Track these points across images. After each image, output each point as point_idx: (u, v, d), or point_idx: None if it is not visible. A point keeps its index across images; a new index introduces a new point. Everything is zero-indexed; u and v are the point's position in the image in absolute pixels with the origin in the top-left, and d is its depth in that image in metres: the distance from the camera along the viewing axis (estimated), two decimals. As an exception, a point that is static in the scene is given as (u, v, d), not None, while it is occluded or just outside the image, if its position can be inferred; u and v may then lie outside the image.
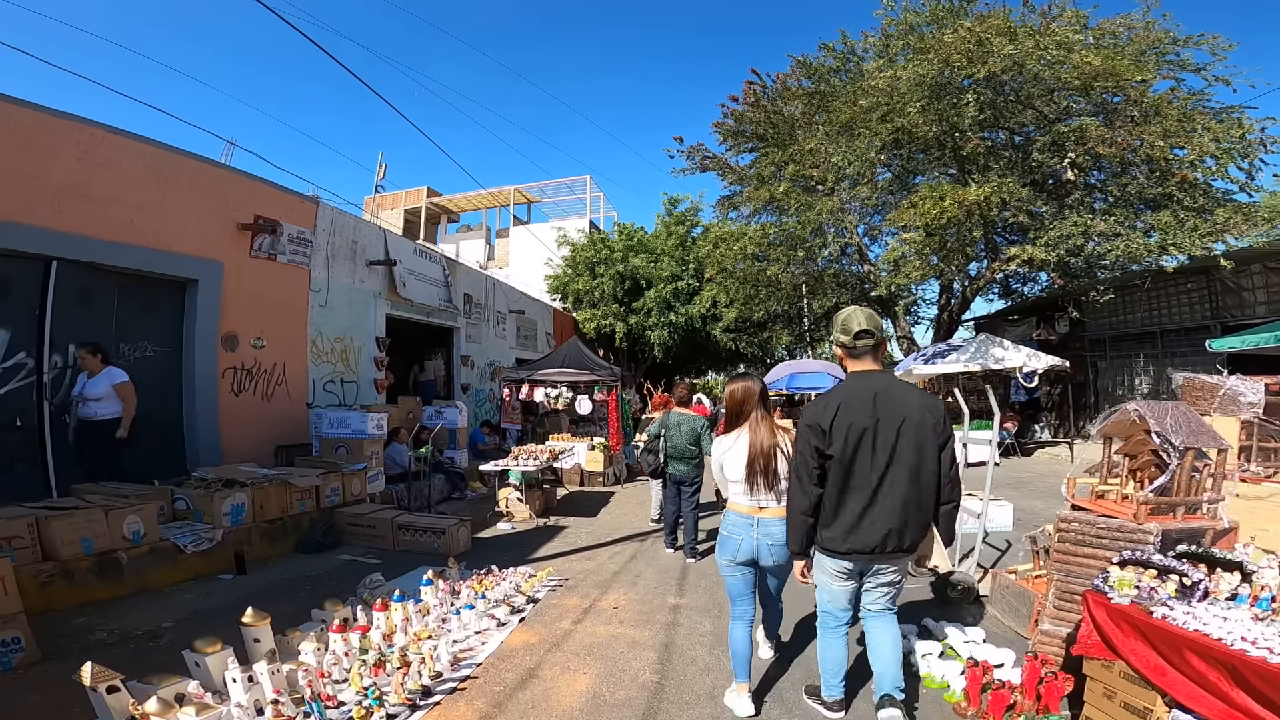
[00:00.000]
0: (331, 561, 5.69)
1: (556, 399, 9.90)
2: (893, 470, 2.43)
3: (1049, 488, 8.97)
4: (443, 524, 5.85)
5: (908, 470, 2.42)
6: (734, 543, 2.86)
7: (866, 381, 2.54)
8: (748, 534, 2.82)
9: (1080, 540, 3.03)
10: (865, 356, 2.59)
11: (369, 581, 4.58)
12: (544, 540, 6.40)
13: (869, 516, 2.45)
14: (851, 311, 2.63)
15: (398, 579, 4.97)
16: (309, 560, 5.70)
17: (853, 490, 2.46)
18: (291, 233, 8.47)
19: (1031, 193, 11.17)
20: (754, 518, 2.83)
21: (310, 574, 5.34)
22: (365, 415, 7.00)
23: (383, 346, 10.10)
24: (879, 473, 2.43)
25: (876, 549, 2.47)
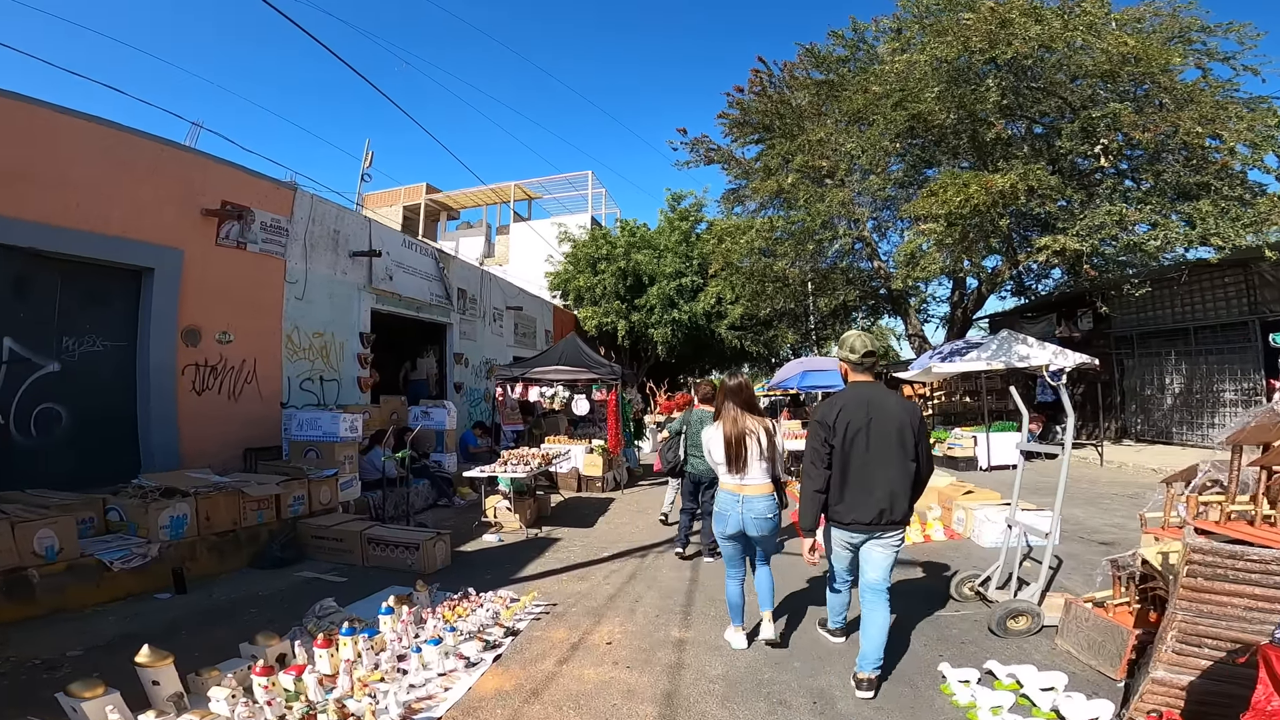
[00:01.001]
0: (289, 579, 5.04)
1: (552, 399, 9.24)
2: (881, 460, 2.99)
3: (1084, 493, 8.26)
4: (416, 538, 5.19)
5: (893, 460, 2.99)
6: (724, 518, 3.46)
7: (863, 390, 3.12)
8: (735, 509, 3.41)
9: (1221, 574, 2.34)
10: (865, 371, 3.18)
11: (318, 608, 3.92)
12: (533, 555, 5.73)
13: (865, 496, 3.01)
14: (858, 334, 3.22)
15: (355, 604, 4.31)
16: (264, 577, 5.05)
17: (851, 476, 3.02)
18: (265, 220, 7.84)
19: (1061, 181, 10.49)
20: (739, 494, 3.41)
21: (261, 593, 4.71)
22: (337, 416, 6.35)
23: (367, 342, 9.45)
24: (871, 462, 2.99)
25: (873, 521, 3.01)
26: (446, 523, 7.17)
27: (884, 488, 2.99)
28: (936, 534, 5.88)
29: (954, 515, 6.06)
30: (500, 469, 6.50)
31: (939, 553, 5.52)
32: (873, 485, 2.99)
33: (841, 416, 3.03)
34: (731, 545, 3.54)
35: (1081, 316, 14.93)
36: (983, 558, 5.33)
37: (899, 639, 3.64)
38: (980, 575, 4.23)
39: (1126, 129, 10.08)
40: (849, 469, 3.02)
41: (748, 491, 3.39)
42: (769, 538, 3.47)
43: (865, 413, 3.01)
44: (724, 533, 3.49)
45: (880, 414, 3.02)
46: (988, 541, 5.57)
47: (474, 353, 13.11)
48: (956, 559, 5.32)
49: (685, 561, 5.43)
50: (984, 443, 10.62)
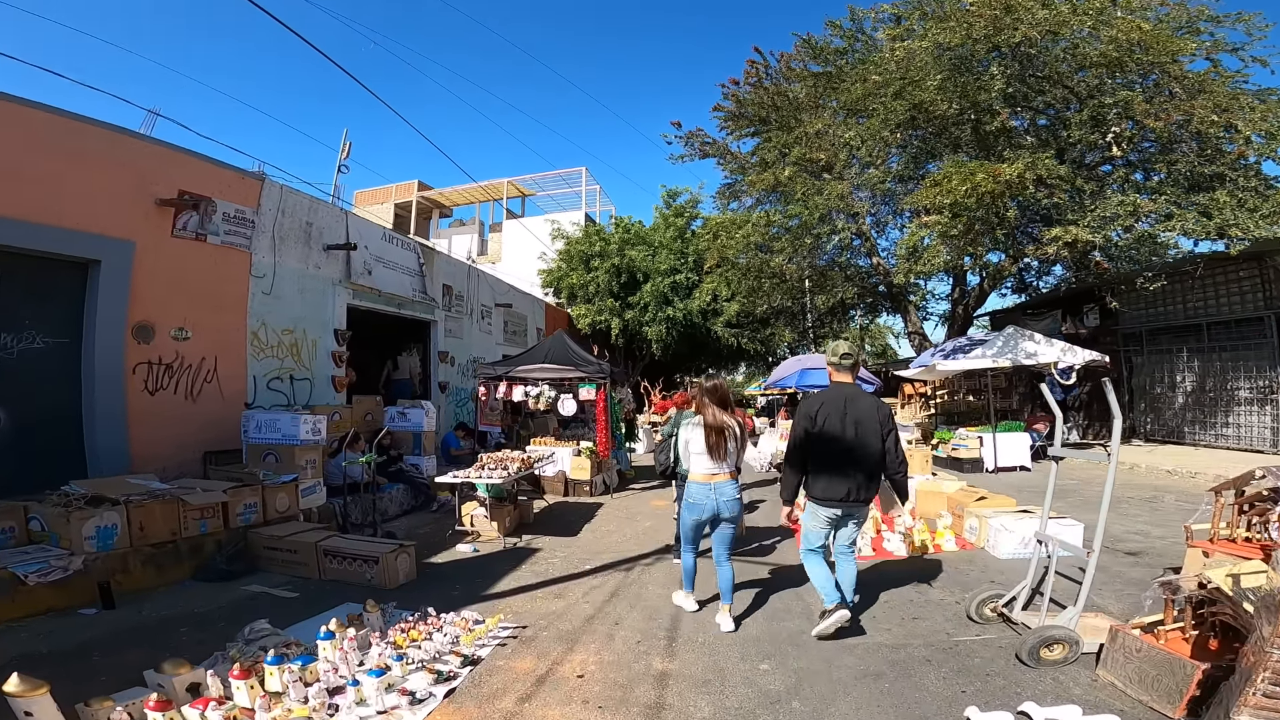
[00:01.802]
0: (234, 594, 4.57)
1: (538, 398, 8.76)
2: (854, 448, 3.43)
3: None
4: (376, 551, 4.71)
5: (862, 449, 3.44)
6: (699, 507, 3.79)
7: (842, 390, 3.61)
8: (709, 498, 3.76)
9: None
10: (845, 372, 3.67)
11: (249, 630, 3.45)
12: (508, 567, 5.25)
13: (837, 478, 3.47)
14: (841, 341, 3.74)
15: (300, 624, 3.84)
16: (206, 592, 4.58)
17: (827, 461, 3.48)
18: (228, 211, 7.37)
19: (1070, 170, 10.05)
20: (711, 484, 3.76)
21: (198, 610, 4.25)
22: (298, 418, 5.87)
23: (342, 340, 8.97)
24: (844, 450, 3.44)
25: (843, 499, 3.50)
26: (420, 530, 6.71)
27: (855, 472, 3.49)
28: (947, 544, 5.41)
29: (966, 523, 5.59)
30: (476, 474, 6.02)
31: (951, 565, 5.06)
32: (846, 469, 3.49)
33: (822, 411, 3.55)
34: (697, 530, 3.92)
35: (1087, 312, 14.49)
36: (999, 570, 4.87)
37: (913, 671, 3.18)
38: (1004, 595, 3.76)
39: (1139, 117, 9.65)
40: (827, 455, 3.52)
41: (719, 479, 3.79)
42: (737, 516, 3.88)
43: (842, 408, 3.53)
44: (698, 519, 3.84)
45: (854, 410, 3.54)
46: (1004, 552, 5.11)
47: (460, 351, 12.63)
48: (971, 573, 4.85)
49: (674, 577, 4.95)
50: (990, 443, 10.16)
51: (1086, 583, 3.28)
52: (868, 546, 5.34)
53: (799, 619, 3.93)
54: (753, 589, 4.55)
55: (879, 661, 3.33)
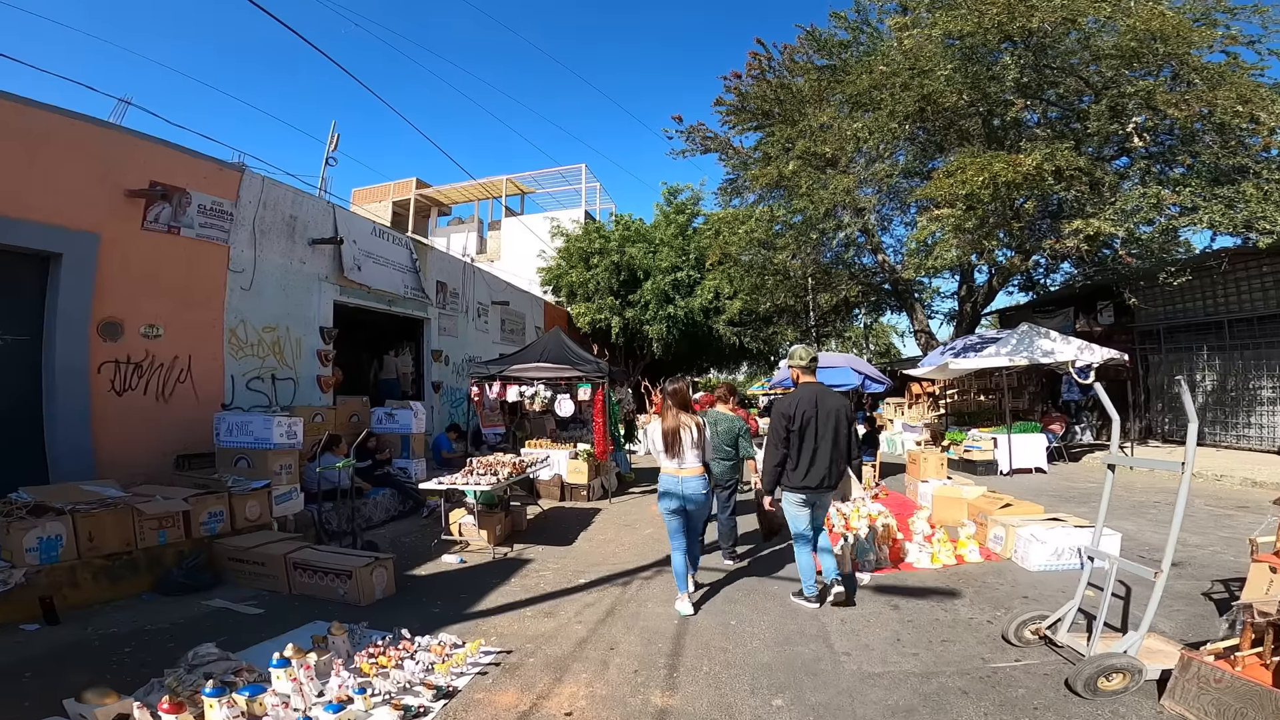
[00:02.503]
0: (193, 610, 4.20)
1: (533, 399, 8.36)
2: (823, 441, 3.95)
3: (1122, 501, 7.38)
4: (349, 564, 4.32)
5: (830, 441, 3.96)
6: (669, 497, 4.07)
7: (812, 389, 4.09)
8: (677, 489, 4.04)
9: None
10: (811, 374, 4.19)
11: (192, 655, 3.07)
12: (496, 581, 4.86)
13: (812, 467, 3.95)
14: (802, 346, 4.31)
15: (253, 648, 3.46)
16: (163, 607, 4.22)
17: (804, 452, 3.96)
18: (204, 203, 6.98)
19: (1089, 161, 9.65)
20: (678, 476, 4.05)
21: (151, 627, 3.89)
22: (270, 420, 5.48)
23: (329, 338, 8.58)
24: (816, 442, 3.95)
25: (817, 486, 3.98)
26: (406, 538, 6.33)
27: (825, 461, 3.94)
28: (971, 554, 5.00)
29: (990, 532, 5.19)
30: (464, 479, 5.62)
31: (977, 578, 4.65)
32: (819, 459, 3.92)
33: (799, 408, 3.95)
34: (676, 519, 4.09)
35: (1102, 310, 14.07)
36: (1031, 584, 4.47)
37: (949, 706, 2.78)
38: (1047, 616, 3.36)
39: (1162, 106, 9.25)
40: (803, 447, 3.94)
41: (684, 474, 4.05)
42: (702, 509, 4.17)
43: (814, 406, 3.95)
44: (669, 509, 4.09)
45: (824, 407, 3.97)
46: (1034, 564, 4.70)
47: (455, 350, 12.24)
48: (1001, 587, 4.44)
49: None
50: (1005, 445, 9.75)
51: (1152, 606, 2.87)
52: (886, 558, 4.93)
53: (815, 643, 3.53)
54: (762, 608, 4.15)
55: (908, 694, 2.93)
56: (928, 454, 7.42)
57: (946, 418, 13.16)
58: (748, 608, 4.11)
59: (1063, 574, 4.64)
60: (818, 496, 4.04)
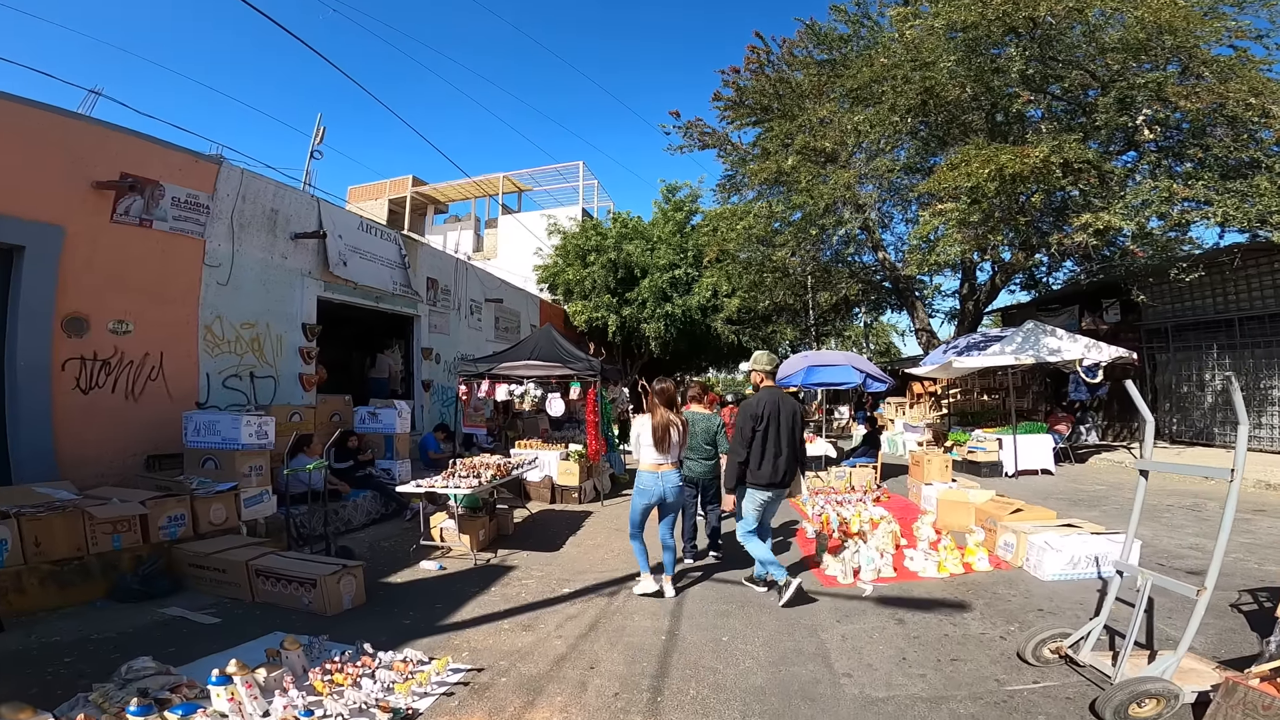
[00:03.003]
0: (146, 618, 3.94)
1: (523, 398, 8.08)
2: (782, 441, 4.23)
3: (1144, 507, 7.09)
4: (314, 572, 4.04)
5: (787, 441, 4.26)
6: (648, 492, 4.30)
7: (773, 393, 4.40)
8: (657, 484, 4.28)
9: None
10: (770, 378, 4.55)
11: (127, 669, 2.79)
12: (475, 590, 4.58)
13: (773, 465, 4.22)
14: (764, 352, 4.73)
15: (199, 661, 3.21)
16: (116, 615, 3.97)
17: (766, 451, 4.22)
18: (178, 196, 6.72)
19: (1098, 154, 9.37)
20: (659, 472, 4.29)
21: (97, 636, 3.66)
22: (239, 419, 5.20)
23: (312, 335, 8.30)
24: (776, 442, 4.22)
25: (777, 483, 4.25)
26: (385, 543, 6.04)
27: (785, 460, 4.22)
28: (980, 563, 4.72)
29: (1000, 539, 4.90)
30: (444, 482, 5.34)
31: (987, 589, 4.36)
32: (781, 456, 4.19)
33: (766, 410, 4.21)
34: (644, 514, 4.38)
35: (1108, 308, 13.79)
36: (1046, 595, 4.18)
37: (963, 740, 2.50)
38: (1069, 634, 3.08)
39: (1173, 98, 8.97)
40: (767, 447, 4.18)
41: (665, 469, 4.28)
42: (677, 502, 4.41)
43: (775, 407, 4.23)
44: (647, 503, 4.32)
45: (783, 409, 4.25)
46: (1048, 574, 4.41)
47: (447, 348, 11.96)
48: (1013, 599, 4.15)
49: (664, 604, 4.28)
50: (1010, 446, 9.46)
51: (1192, 626, 2.60)
52: (888, 567, 4.65)
53: (814, 663, 3.24)
54: (757, 622, 3.87)
55: (916, 723, 2.65)
56: (931, 455, 7.13)
57: (949, 418, 12.87)
58: (741, 622, 3.83)
59: (1078, 584, 4.36)
60: (778, 494, 4.31)
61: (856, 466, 8.68)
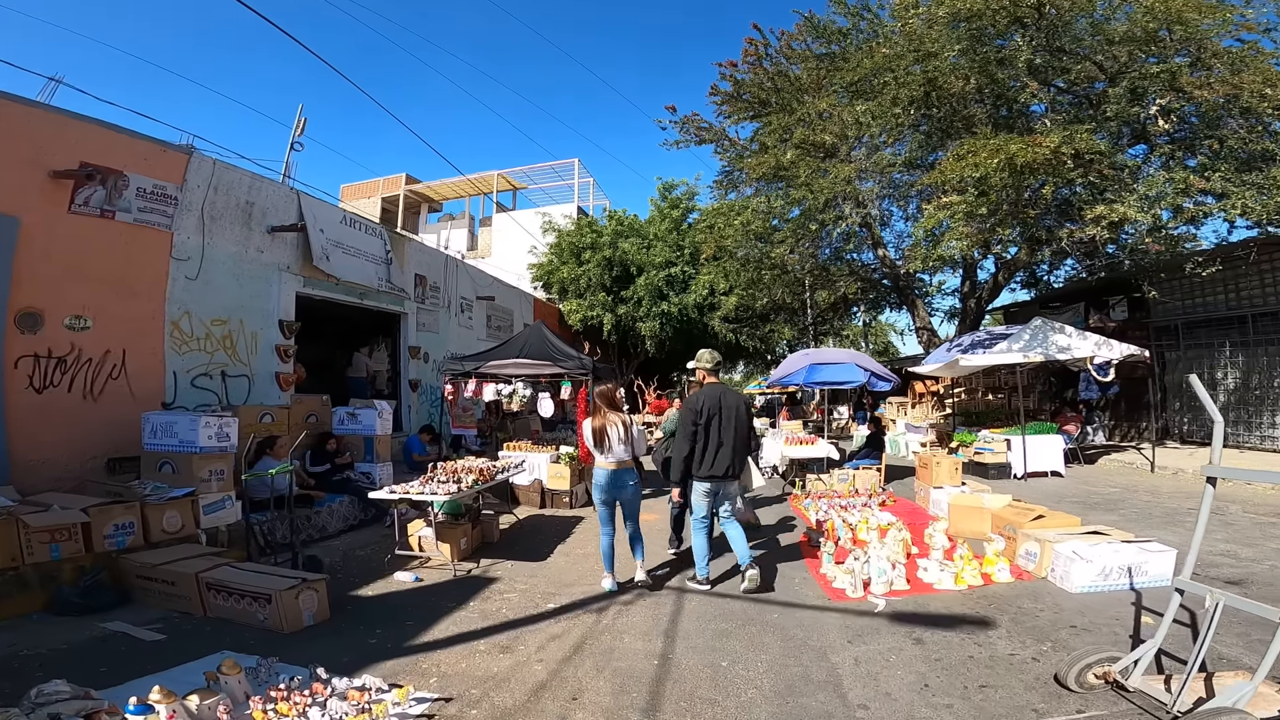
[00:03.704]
0: (85, 633, 3.60)
1: (510, 397, 7.71)
2: (725, 434, 4.30)
3: (1151, 509, 6.75)
4: (269, 586, 3.66)
5: (732, 434, 4.32)
6: (600, 487, 4.47)
7: (716, 389, 4.46)
8: (607, 480, 4.43)
9: None
10: (714, 375, 4.58)
11: (36, 693, 2.42)
12: (452, 605, 4.20)
13: (717, 458, 4.29)
14: (709, 351, 4.67)
15: (126, 685, 2.86)
16: (52, 630, 3.64)
17: (709, 444, 4.29)
18: (143, 186, 6.35)
19: (1109, 145, 9.05)
20: (608, 470, 4.43)
21: (29, 653, 3.37)
22: (197, 420, 4.83)
23: (290, 332, 7.92)
24: (719, 435, 4.29)
25: (721, 475, 4.31)
26: (360, 552, 5.66)
27: (729, 453, 4.26)
28: (1000, 574, 4.35)
29: (1021, 548, 4.54)
30: (420, 487, 4.96)
31: (1011, 603, 3.99)
32: (722, 451, 4.24)
33: (705, 404, 4.27)
34: (605, 508, 4.47)
35: (1114, 305, 13.47)
36: (1077, 610, 3.82)
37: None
38: (1118, 658, 2.71)
39: (1188, 88, 8.67)
40: (708, 441, 4.25)
41: (612, 467, 4.37)
42: (632, 499, 4.48)
43: (718, 403, 4.29)
44: (600, 499, 4.46)
45: (725, 404, 4.31)
46: (1077, 586, 4.05)
47: (436, 346, 11.58)
48: (1041, 614, 3.79)
49: (659, 623, 3.91)
50: (1019, 447, 9.11)
51: (1272, 652, 2.23)
52: (901, 579, 4.28)
53: (825, 692, 2.88)
54: (760, 643, 3.50)
55: (945, 768, 2.28)
56: (940, 458, 6.78)
57: (954, 418, 12.52)
58: (742, 643, 3.46)
59: (1110, 597, 4.00)
60: (721, 485, 4.37)
61: (860, 469, 8.33)
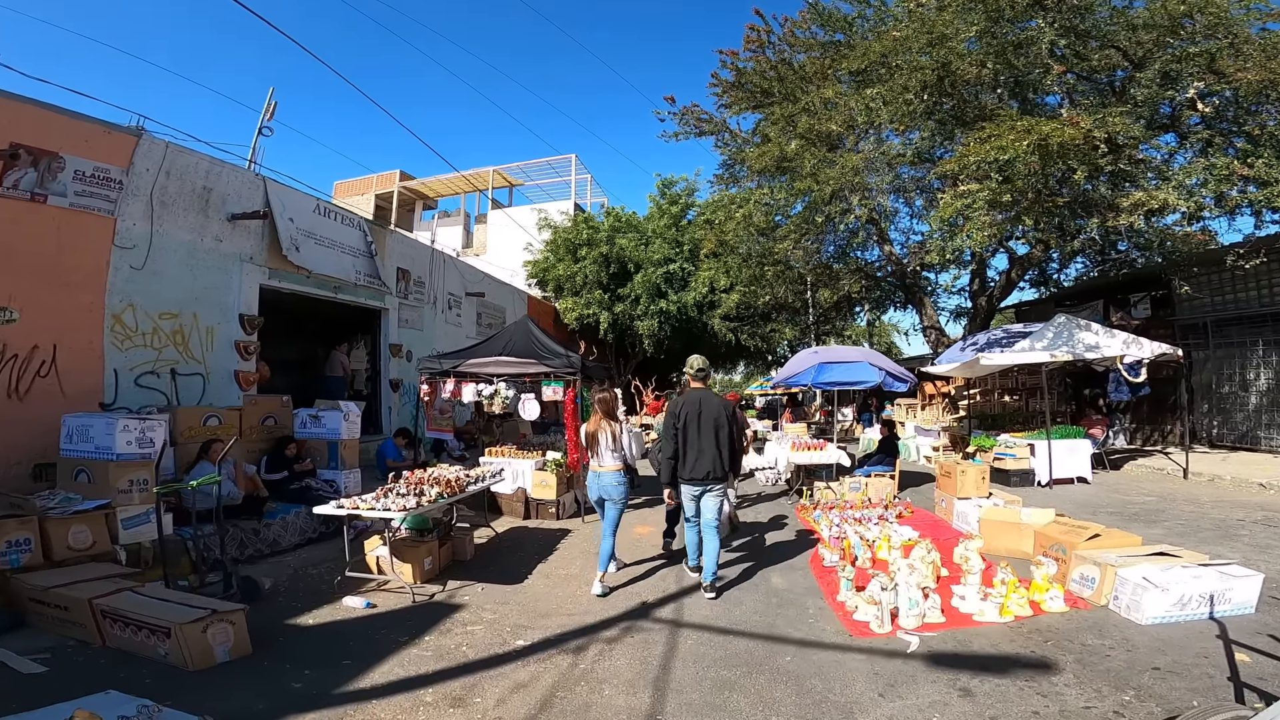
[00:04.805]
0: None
1: (492, 399, 7.06)
2: (705, 440, 4.37)
3: (1199, 520, 6.09)
4: (169, 618, 3.04)
5: (713, 438, 4.37)
6: (591, 488, 4.67)
7: (699, 393, 4.56)
8: (595, 483, 4.62)
9: None
10: (700, 380, 4.66)
11: None
12: (403, 639, 3.55)
13: (698, 461, 4.37)
14: (698, 357, 4.73)
15: None
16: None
17: (689, 448, 4.40)
18: (82, 169, 5.75)
19: (1144, 130, 8.44)
20: (598, 472, 4.61)
21: None
22: (113, 422, 4.19)
23: (252, 327, 7.29)
24: (696, 441, 4.37)
25: (703, 478, 4.37)
26: (314, 569, 5.01)
27: (709, 457, 4.38)
28: (1052, 602, 3.69)
29: (1074, 571, 3.88)
30: (374, 502, 4.30)
31: (1072, 639, 3.33)
32: (702, 455, 4.39)
33: (684, 410, 4.47)
34: (598, 507, 4.68)
35: (1136, 302, 12.83)
36: (1154, 647, 3.16)
37: None
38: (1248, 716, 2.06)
39: (1227, 72, 8.06)
40: (688, 444, 4.43)
41: (602, 470, 4.60)
42: (617, 502, 4.59)
43: (698, 408, 4.46)
44: (592, 498, 4.71)
45: (706, 409, 4.45)
46: (1148, 617, 3.39)
47: (420, 344, 10.92)
48: (1112, 653, 3.12)
49: (647, 669, 3.26)
50: (1043, 452, 8.44)
51: None
52: (935, 610, 3.62)
53: None
54: (770, 699, 2.84)
55: None
56: (965, 466, 6.12)
57: (969, 420, 11.85)
58: (748, 699, 2.80)
59: (1187, 629, 3.36)
60: (704, 488, 4.41)
61: (872, 476, 7.68)
